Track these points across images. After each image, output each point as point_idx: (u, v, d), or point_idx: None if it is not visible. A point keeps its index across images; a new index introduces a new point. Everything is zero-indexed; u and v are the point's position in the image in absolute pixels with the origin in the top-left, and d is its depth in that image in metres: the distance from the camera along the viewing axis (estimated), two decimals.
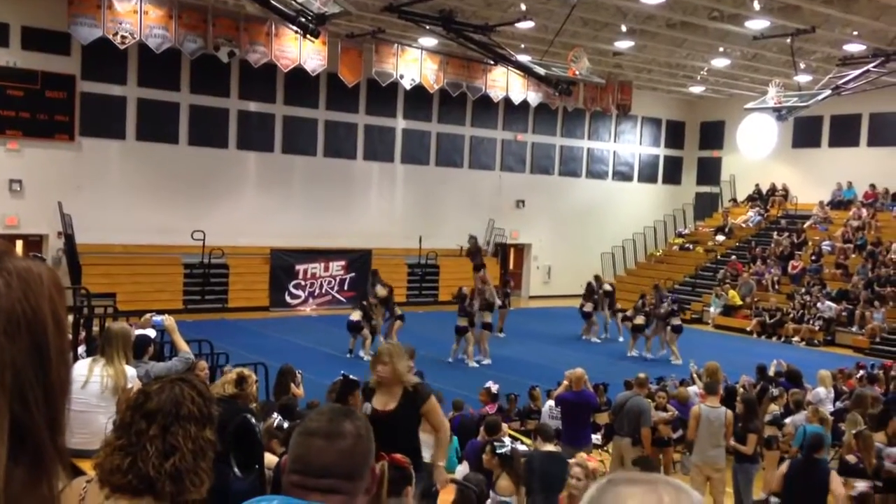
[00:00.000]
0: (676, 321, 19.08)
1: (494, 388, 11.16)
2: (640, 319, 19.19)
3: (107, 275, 19.94)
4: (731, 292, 25.22)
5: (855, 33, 19.89)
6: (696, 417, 8.87)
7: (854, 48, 20.88)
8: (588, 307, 20.98)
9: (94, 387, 5.23)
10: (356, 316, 17.23)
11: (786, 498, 7.37)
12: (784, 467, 7.51)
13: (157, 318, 6.75)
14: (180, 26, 20.29)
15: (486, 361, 17.37)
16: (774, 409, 11.22)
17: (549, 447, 7.50)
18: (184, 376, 1.97)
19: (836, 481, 7.43)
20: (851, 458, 9.01)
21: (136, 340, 6.07)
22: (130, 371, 5.36)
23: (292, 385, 9.33)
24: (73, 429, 5.07)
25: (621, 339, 20.69)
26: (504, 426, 9.04)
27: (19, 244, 20.51)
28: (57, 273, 1.17)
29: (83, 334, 8.99)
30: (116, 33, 19.46)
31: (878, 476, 8.84)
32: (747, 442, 8.69)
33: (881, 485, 8.80)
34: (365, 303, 17.85)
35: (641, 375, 10.48)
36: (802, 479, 7.27)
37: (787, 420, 10.66)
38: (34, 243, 20.55)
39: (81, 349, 7.78)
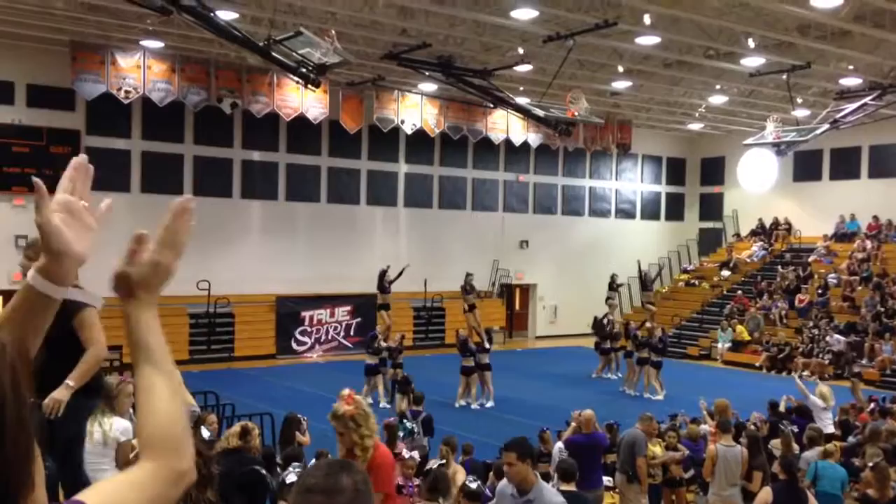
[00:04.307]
0: (657, 357, 18.96)
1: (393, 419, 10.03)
2: (644, 353, 19.09)
3: (112, 327, 19.74)
4: (739, 327, 25.11)
5: (850, 67, 20.06)
6: (712, 457, 8.79)
7: (850, 82, 21.05)
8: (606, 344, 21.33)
9: (93, 445, 5.23)
10: (371, 360, 17.23)
11: None
12: (768, 494, 7.46)
13: None
14: (183, 79, 20.58)
15: (490, 404, 17.28)
16: (796, 447, 11.09)
17: (570, 487, 7.41)
18: None
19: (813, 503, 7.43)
20: (872, 493, 8.90)
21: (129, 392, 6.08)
22: (121, 423, 5.37)
23: (297, 433, 9.28)
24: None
25: (615, 375, 20.76)
26: None
27: None
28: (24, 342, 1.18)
29: None
30: (120, 88, 19.74)
31: None
32: (752, 479, 8.62)
33: None
34: (376, 345, 17.70)
35: (647, 414, 10.41)
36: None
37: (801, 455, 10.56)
38: None
39: None
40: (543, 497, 4.96)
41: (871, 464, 9.25)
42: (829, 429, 12.80)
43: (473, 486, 6.50)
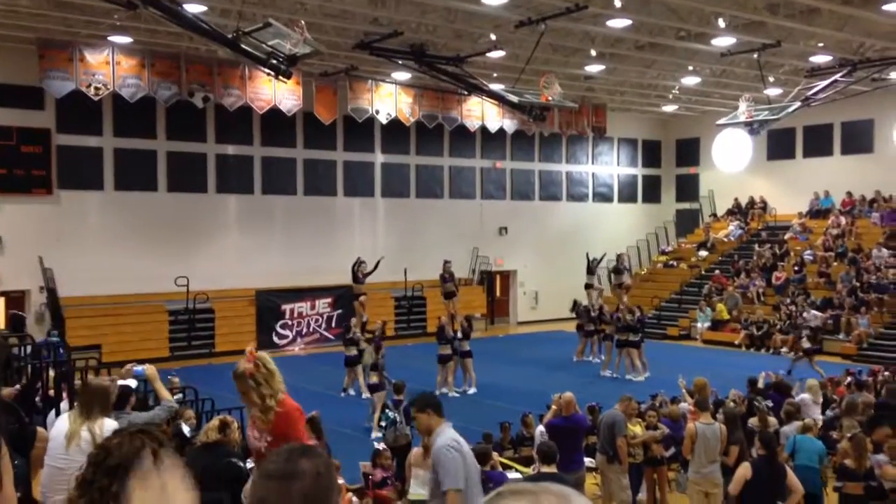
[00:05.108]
0: (634, 337, 19.08)
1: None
2: (624, 336, 19.18)
3: (91, 327, 19.80)
4: (720, 306, 25.30)
5: (820, 45, 20.19)
6: (691, 436, 8.87)
7: (821, 59, 21.19)
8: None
9: (76, 443, 5.19)
10: (350, 351, 17.16)
11: (750, 498, 7.49)
12: (747, 469, 7.56)
13: (138, 368, 6.70)
14: (153, 74, 20.35)
15: (472, 390, 17.34)
16: (774, 422, 11.22)
17: (551, 469, 7.47)
18: (144, 427, 1.95)
19: (793, 478, 7.53)
20: (849, 463, 9.03)
21: (118, 392, 6.04)
22: (111, 424, 5.32)
23: None
24: (57, 486, 5.02)
25: (598, 359, 20.79)
26: (494, 455, 9.00)
27: (1, 301, 20.35)
28: None
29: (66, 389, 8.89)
30: (90, 85, 19.49)
31: (870, 477, 8.83)
32: (729, 453, 8.73)
33: (875, 485, 8.79)
34: (350, 335, 17.60)
35: (626, 395, 10.49)
36: (765, 478, 7.40)
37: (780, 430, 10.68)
38: (16, 299, 20.38)
39: (64, 405, 7.71)
40: (437, 440, 4.96)
41: (848, 435, 9.39)
42: (818, 418, 12.24)
43: None
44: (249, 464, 5.90)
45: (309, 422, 9.34)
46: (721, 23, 18.06)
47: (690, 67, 23.03)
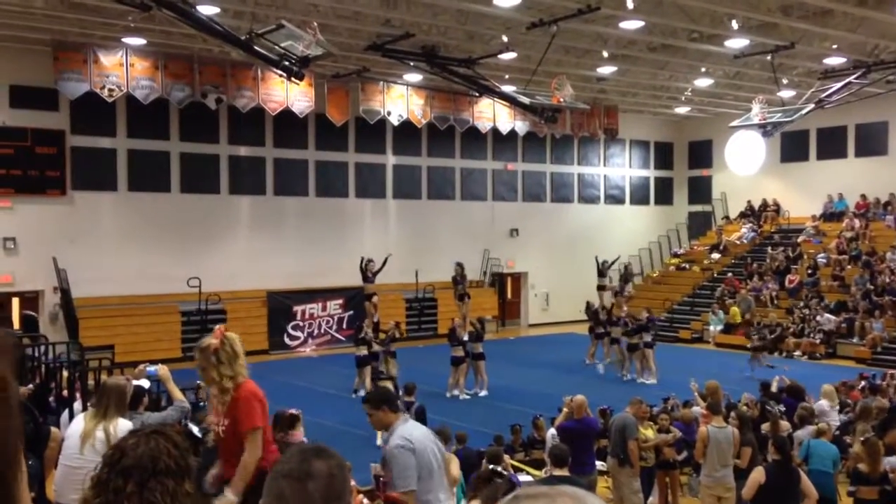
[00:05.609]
0: (648, 337, 19.01)
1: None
2: (635, 339, 19.13)
3: (104, 327, 19.90)
4: (734, 309, 25.17)
5: (834, 47, 20.08)
6: (703, 439, 8.84)
7: (834, 61, 21.07)
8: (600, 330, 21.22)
9: (90, 443, 5.21)
10: (361, 351, 17.16)
11: (764, 502, 7.46)
12: (760, 474, 7.52)
13: (151, 368, 6.73)
14: (167, 76, 20.46)
15: (483, 392, 17.32)
16: (786, 426, 11.16)
17: (563, 472, 7.44)
18: (159, 428, 1.95)
19: (807, 483, 7.48)
20: (863, 467, 8.96)
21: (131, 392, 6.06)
22: (125, 424, 5.34)
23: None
24: (73, 485, 5.04)
25: (607, 360, 20.70)
26: (506, 457, 8.99)
27: (15, 302, 20.48)
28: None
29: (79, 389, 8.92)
30: (103, 87, 19.61)
31: (885, 482, 8.76)
32: (741, 455, 8.70)
33: (890, 489, 8.72)
34: (362, 335, 17.60)
35: (636, 398, 10.46)
36: (779, 483, 7.36)
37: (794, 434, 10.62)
38: (30, 300, 20.51)
39: (77, 404, 7.74)
40: (392, 434, 4.84)
41: (862, 439, 9.32)
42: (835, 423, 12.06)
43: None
44: None
45: (287, 418, 9.27)
46: (734, 24, 18.00)
47: (703, 69, 22.95)
